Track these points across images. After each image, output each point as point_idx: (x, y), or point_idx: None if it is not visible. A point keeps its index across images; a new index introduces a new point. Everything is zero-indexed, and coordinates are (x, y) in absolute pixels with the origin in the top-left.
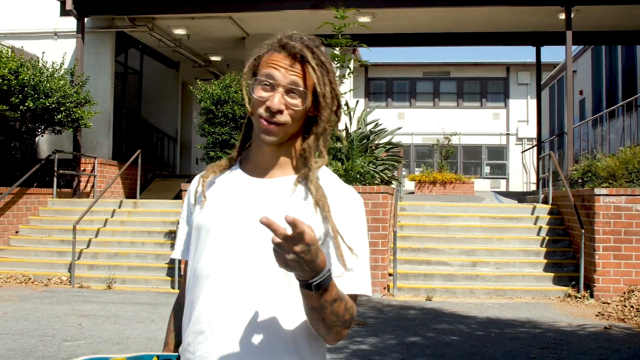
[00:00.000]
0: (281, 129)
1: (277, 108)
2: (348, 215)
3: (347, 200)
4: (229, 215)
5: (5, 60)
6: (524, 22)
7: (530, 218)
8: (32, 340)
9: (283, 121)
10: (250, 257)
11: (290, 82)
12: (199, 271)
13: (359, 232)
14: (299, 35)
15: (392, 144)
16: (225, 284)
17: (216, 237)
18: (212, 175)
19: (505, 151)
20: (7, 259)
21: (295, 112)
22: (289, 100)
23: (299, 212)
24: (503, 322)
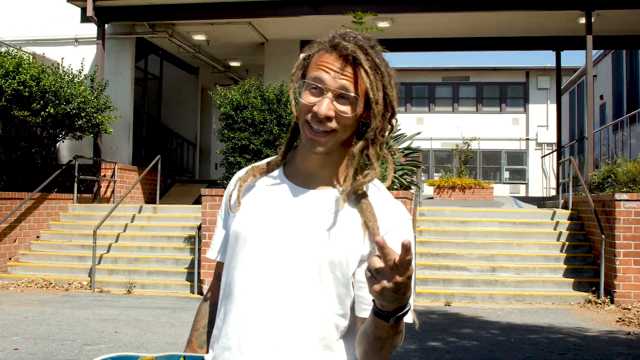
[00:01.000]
0: (329, 138)
1: (324, 114)
2: (399, 238)
3: (398, 220)
4: (268, 225)
5: (26, 66)
6: (544, 27)
7: (550, 223)
8: (53, 344)
9: (332, 128)
10: (287, 273)
11: (340, 86)
12: (233, 282)
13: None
14: (353, 34)
15: (411, 149)
16: (259, 300)
17: (253, 248)
18: (251, 178)
19: (525, 156)
20: (29, 263)
21: (345, 119)
22: (338, 107)
23: (345, 231)
24: (523, 327)
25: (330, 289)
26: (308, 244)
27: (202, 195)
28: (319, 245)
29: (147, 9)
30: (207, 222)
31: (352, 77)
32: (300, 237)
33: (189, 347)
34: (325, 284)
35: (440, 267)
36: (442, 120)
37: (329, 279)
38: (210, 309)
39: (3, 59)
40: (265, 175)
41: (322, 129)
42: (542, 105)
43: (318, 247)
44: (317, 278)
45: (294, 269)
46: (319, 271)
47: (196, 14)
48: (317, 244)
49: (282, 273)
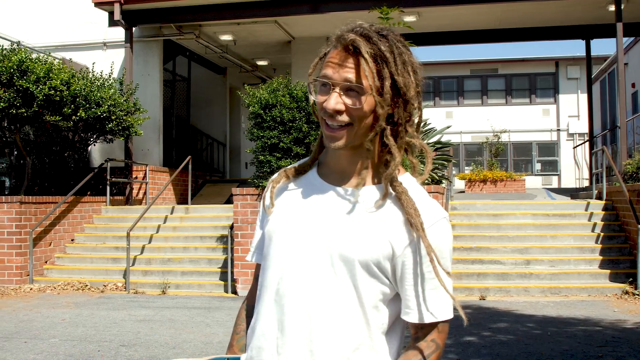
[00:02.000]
0: (346, 132)
1: (332, 109)
2: (438, 236)
3: (435, 219)
4: (300, 225)
5: (57, 72)
6: (573, 16)
7: (584, 214)
8: (90, 346)
9: (345, 122)
10: (320, 273)
11: (344, 79)
12: (266, 281)
13: (446, 257)
14: (364, 24)
15: (442, 143)
16: (293, 300)
17: (286, 248)
18: (284, 180)
19: (556, 147)
20: (64, 266)
21: (356, 111)
22: (347, 100)
23: (381, 228)
24: (559, 320)
25: (365, 288)
26: (340, 242)
27: (233, 195)
28: (352, 243)
29: (173, 11)
30: (239, 221)
31: (355, 68)
32: (332, 236)
33: (230, 351)
34: (361, 283)
35: (473, 261)
36: (471, 113)
37: (363, 278)
38: (249, 311)
39: (34, 65)
40: (299, 176)
41: (336, 124)
42: (573, 95)
43: (351, 245)
44: (350, 276)
45: (327, 269)
46: (352, 271)
47: (222, 14)
48: (349, 242)
49: (314, 273)
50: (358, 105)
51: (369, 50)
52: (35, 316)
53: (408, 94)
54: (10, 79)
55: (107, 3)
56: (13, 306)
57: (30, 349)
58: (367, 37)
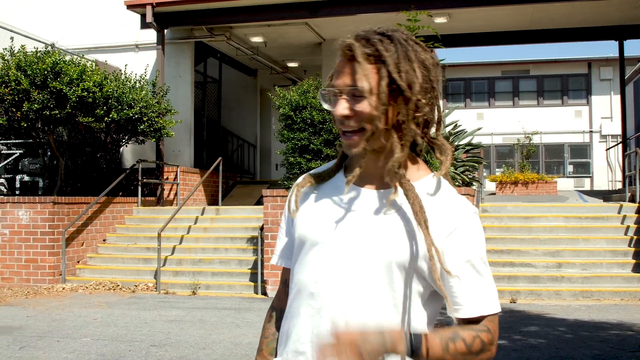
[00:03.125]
0: (359, 137)
1: (339, 115)
2: (470, 232)
3: (466, 215)
4: (332, 228)
5: (89, 73)
6: (605, 16)
7: (617, 217)
8: (121, 346)
9: (355, 127)
10: (355, 275)
11: (344, 84)
12: (300, 285)
13: (482, 250)
14: (368, 27)
15: (472, 145)
16: (329, 304)
17: (320, 251)
18: (308, 184)
19: (589, 149)
20: (96, 266)
21: (364, 115)
22: (354, 104)
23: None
24: (591, 324)
25: (400, 289)
26: (373, 244)
27: (263, 196)
28: (384, 245)
29: (204, 13)
30: (269, 222)
31: (354, 71)
32: (364, 238)
33: (260, 355)
34: (397, 284)
35: (504, 264)
36: (502, 115)
37: (399, 280)
38: (278, 315)
39: (67, 67)
40: (325, 181)
41: (348, 130)
42: (606, 97)
43: (383, 247)
44: (386, 278)
45: (362, 271)
46: (388, 271)
47: (253, 16)
48: (382, 243)
49: (350, 276)
50: (361, 108)
51: (366, 51)
52: (67, 315)
53: (411, 90)
54: (44, 81)
55: (139, 5)
56: (46, 305)
57: (62, 348)
58: (366, 39)
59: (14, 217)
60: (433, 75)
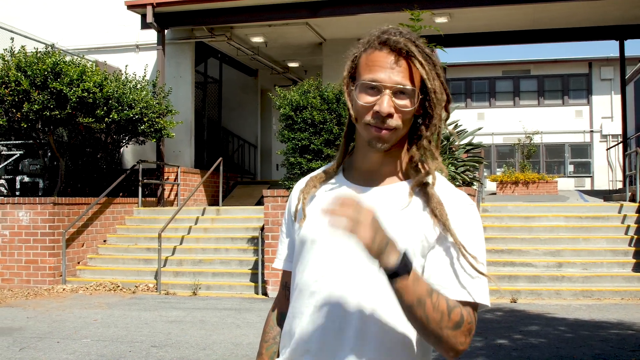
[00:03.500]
0: (392, 134)
1: (387, 112)
2: (465, 224)
3: (462, 207)
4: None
5: (90, 74)
6: (606, 16)
7: (618, 217)
8: (122, 346)
9: (394, 125)
10: (351, 270)
11: (396, 82)
12: (302, 285)
13: (478, 241)
14: (395, 29)
15: (473, 145)
16: (331, 302)
17: (321, 251)
18: (313, 189)
19: (589, 149)
20: (97, 267)
21: (406, 114)
22: (398, 102)
23: (415, 224)
24: (591, 324)
25: None
26: None
27: (264, 197)
28: None
29: (205, 13)
30: (269, 222)
31: (407, 71)
32: None
33: (260, 359)
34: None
35: (505, 264)
36: (503, 115)
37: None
38: (279, 319)
39: (67, 67)
40: (326, 181)
41: (386, 127)
42: (606, 97)
43: None
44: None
45: (360, 268)
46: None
47: (253, 17)
48: None
49: (348, 272)
50: (410, 107)
51: (420, 53)
52: (67, 316)
53: (449, 93)
54: (45, 81)
55: (140, 6)
56: (46, 306)
57: (62, 349)
58: (412, 42)
59: (14, 218)
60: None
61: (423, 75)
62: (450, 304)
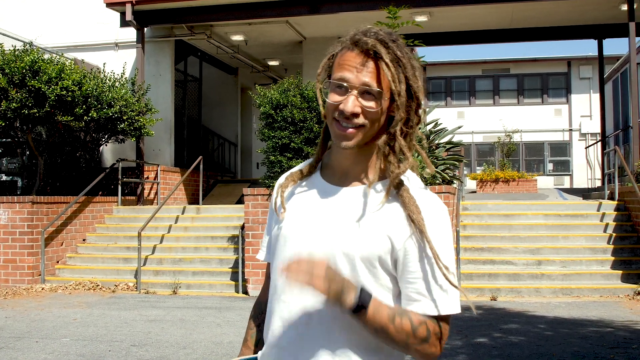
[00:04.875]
0: (358, 133)
1: (350, 111)
2: (440, 232)
3: (436, 214)
4: (304, 225)
5: (68, 72)
6: (585, 15)
7: (596, 215)
8: (101, 346)
9: (359, 124)
10: None
11: (363, 82)
12: (274, 281)
13: (449, 249)
14: (374, 29)
15: (453, 143)
16: (299, 296)
17: (291, 248)
18: (291, 184)
19: (568, 147)
20: (76, 266)
21: (372, 114)
22: (364, 103)
23: (385, 228)
24: (571, 321)
25: (368, 283)
26: (341, 240)
27: (244, 195)
28: (352, 241)
29: (185, 11)
30: (250, 221)
31: (374, 72)
32: (333, 234)
33: (245, 346)
34: (363, 279)
35: (485, 262)
36: (483, 113)
37: (365, 274)
38: (262, 308)
39: (46, 65)
40: (304, 178)
41: (351, 125)
42: (585, 95)
43: (351, 243)
44: (351, 274)
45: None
46: (353, 267)
47: (234, 15)
48: (350, 240)
49: None
50: (375, 108)
51: (388, 55)
52: (46, 316)
53: (420, 97)
54: (23, 80)
55: (119, 4)
56: (25, 306)
57: (41, 349)
58: (384, 43)
59: None
60: (423, 82)
61: (388, 77)
62: (414, 324)
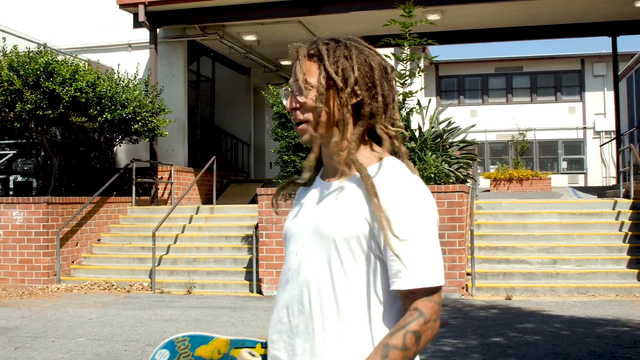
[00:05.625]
0: (307, 128)
1: (287, 108)
2: (399, 203)
3: (399, 187)
4: (298, 221)
5: (82, 73)
6: (599, 12)
7: (612, 213)
8: (117, 345)
9: (301, 120)
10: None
11: (292, 81)
12: (282, 275)
13: (410, 220)
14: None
15: (466, 142)
16: (297, 289)
17: (288, 243)
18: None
19: (583, 145)
20: (91, 266)
21: (308, 106)
22: (298, 99)
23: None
24: (586, 320)
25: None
26: (321, 226)
27: (258, 195)
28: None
29: (197, 12)
30: (263, 221)
31: (301, 71)
32: (314, 224)
33: None
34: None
35: (499, 261)
36: (496, 112)
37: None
38: None
39: (60, 67)
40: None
41: (296, 122)
42: (599, 93)
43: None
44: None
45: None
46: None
47: (246, 15)
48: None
49: (306, 260)
50: (306, 100)
51: (308, 52)
52: (62, 315)
53: (346, 83)
54: (37, 81)
55: (132, 5)
56: (41, 305)
57: (57, 348)
58: (312, 43)
59: (8, 217)
60: (377, 74)
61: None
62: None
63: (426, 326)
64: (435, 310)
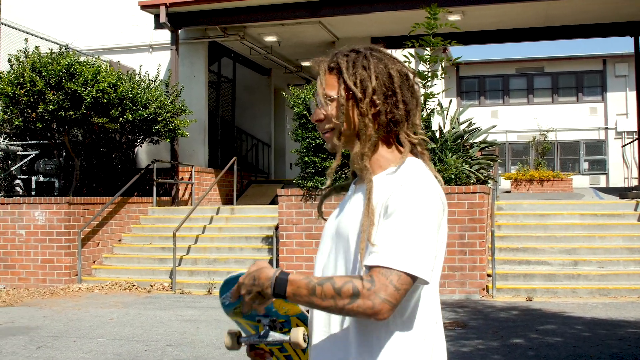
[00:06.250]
0: (330, 136)
1: (314, 120)
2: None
3: (401, 185)
4: (328, 223)
5: (104, 74)
6: (620, 12)
7: (634, 214)
8: (137, 345)
9: (327, 129)
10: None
11: (317, 94)
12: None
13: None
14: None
15: (487, 143)
16: None
17: (320, 243)
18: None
19: (604, 146)
20: (112, 266)
21: (331, 116)
22: (322, 111)
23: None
24: (608, 322)
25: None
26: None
27: (278, 196)
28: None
29: (218, 13)
30: (284, 222)
31: (322, 85)
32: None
33: None
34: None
35: (520, 262)
36: (517, 112)
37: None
38: None
39: (82, 68)
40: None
41: (323, 131)
42: (621, 93)
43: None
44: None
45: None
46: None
47: (266, 16)
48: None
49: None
50: (329, 112)
51: (327, 66)
52: (83, 315)
53: (364, 93)
54: (59, 82)
55: (153, 6)
56: (62, 305)
57: (79, 348)
58: (332, 56)
59: (30, 217)
60: (397, 82)
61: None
62: (337, 285)
63: (369, 294)
64: (389, 292)
